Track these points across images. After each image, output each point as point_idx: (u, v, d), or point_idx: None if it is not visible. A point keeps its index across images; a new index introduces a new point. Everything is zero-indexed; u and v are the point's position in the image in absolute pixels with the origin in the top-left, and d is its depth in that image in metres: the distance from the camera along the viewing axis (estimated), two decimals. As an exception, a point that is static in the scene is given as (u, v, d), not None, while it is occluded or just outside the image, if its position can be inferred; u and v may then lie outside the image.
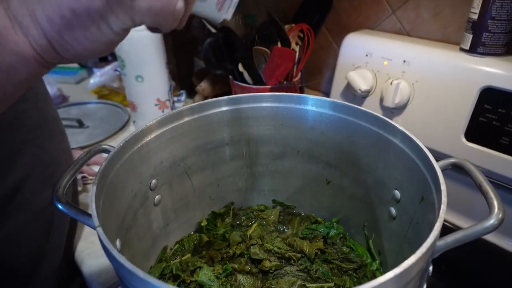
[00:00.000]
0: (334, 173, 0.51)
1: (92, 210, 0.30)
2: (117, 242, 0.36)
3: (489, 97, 0.54)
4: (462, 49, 0.58)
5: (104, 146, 0.41)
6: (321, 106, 0.47)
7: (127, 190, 0.41)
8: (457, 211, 0.62)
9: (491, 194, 0.31)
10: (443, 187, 0.31)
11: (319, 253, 0.48)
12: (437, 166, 0.33)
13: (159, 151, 0.45)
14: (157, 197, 0.47)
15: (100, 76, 1.14)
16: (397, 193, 0.42)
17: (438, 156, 0.54)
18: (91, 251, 0.61)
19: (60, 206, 0.34)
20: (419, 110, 0.61)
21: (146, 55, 0.82)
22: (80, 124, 0.97)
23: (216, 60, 0.76)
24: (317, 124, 0.49)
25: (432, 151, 0.44)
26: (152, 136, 0.43)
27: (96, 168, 0.78)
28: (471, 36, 0.56)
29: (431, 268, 0.33)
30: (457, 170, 0.36)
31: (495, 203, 0.30)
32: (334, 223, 0.53)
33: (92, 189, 0.32)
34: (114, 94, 1.13)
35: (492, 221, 0.29)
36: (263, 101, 0.49)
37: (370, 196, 0.47)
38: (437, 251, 0.30)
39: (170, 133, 0.45)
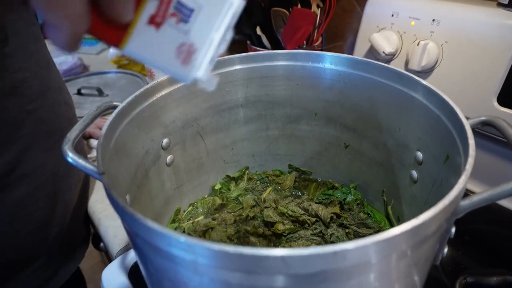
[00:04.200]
0: (352, 136, 0.48)
1: (98, 158, 0.29)
2: (127, 197, 0.36)
3: (527, 56, 0.49)
4: (500, 4, 0.53)
5: (115, 103, 0.40)
6: (340, 63, 0.44)
7: (138, 146, 0.40)
8: (478, 179, 0.59)
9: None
10: (471, 141, 0.28)
11: (334, 217, 0.47)
12: (464, 119, 0.30)
13: (171, 110, 0.44)
14: (169, 157, 0.46)
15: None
16: (420, 154, 0.39)
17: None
18: (108, 212, 0.62)
19: (69, 159, 0.33)
20: (447, 73, 0.57)
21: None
22: (100, 93, 0.98)
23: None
24: (335, 83, 0.46)
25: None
26: (163, 93, 0.42)
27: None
28: (510, -11, 0.51)
29: (453, 230, 0.30)
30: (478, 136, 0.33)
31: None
32: (352, 189, 0.51)
33: (99, 139, 0.31)
34: (133, 64, 1.12)
35: (523, 179, 0.26)
36: (279, 59, 0.47)
37: (391, 160, 0.45)
38: (461, 211, 0.28)
39: (182, 91, 0.44)
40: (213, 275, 0.22)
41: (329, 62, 0.45)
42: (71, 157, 0.33)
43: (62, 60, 1.13)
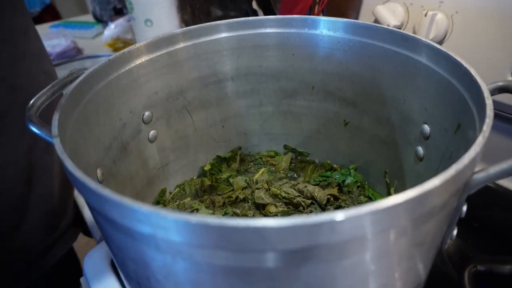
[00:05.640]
0: (353, 111, 0.44)
1: (54, 119, 0.25)
2: (98, 171, 0.32)
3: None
4: (515, -31, 0.49)
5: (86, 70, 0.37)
6: (339, 29, 0.40)
7: (113, 117, 0.36)
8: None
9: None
10: (488, 101, 0.24)
11: (332, 199, 0.43)
12: (479, 78, 0.26)
13: (152, 79, 0.40)
14: (152, 132, 0.42)
15: (114, 28, 1.10)
16: (427, 127, 0.35)
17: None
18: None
19: (31, 127, 0.29)
20: (458, 46, 0.53)
21: (154, -4, 0.76)
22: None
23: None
24: (334, 52, 0.42)
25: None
26: (143, 59, 0.38)
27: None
28: (528, -49, 0.46)
29: (465, 208, 0.26)
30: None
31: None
32: (352, 171, 0.47)
33: (60, 100, 0.28)
34: (128, 46, 1.09)
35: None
36: (271, 26, 0.43)
37: (394, 136, 0.41)
38: (475, 185, 0.24)
39: (164, 59, 0.40)
40: (175, 252, 0.18)
41: (327, 27, 0.41)
42: (33, 125, 0.29)
43: (56, 43, 1.10)
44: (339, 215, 0.16)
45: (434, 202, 0.18)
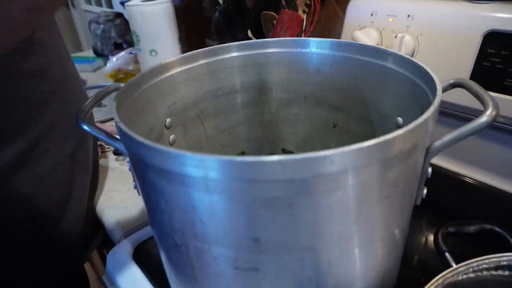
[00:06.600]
0: (340, 115, 0.53)
1: (113, 110, 0.33)
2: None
3: (492, 41, 0.55)
4: (464, -2, 0.60)
5: (122, 84, 0.45)
6: (324, 47, 0.49)
7: (144, 121, 0.44)
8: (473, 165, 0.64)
9: (486, 96, 0.33)
10: (439, 87, 0.32)
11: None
12: (434, 74, 0.35)
13: (173, 92, 0.48)
14: (172, 136, 0.49)
15: (115, 60, 1.20)
16: (399, 119, 0.43)
17: (444, 104, 0.55)
18: (111, 204, 0.65)
19: (84, 127, 0.37)
20: (423, 61, 0.62)
21: (159, 29, 0.86)
22: (98, 104, 1.01)
23: (227, 28, 0.79)
24: (322, 66, 0.51)
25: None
26: (166, 75, 0.46)
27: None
28: (473, -16, 0.58)
29: (430, 170, 0.34)
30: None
31: (490, 102, 0.32)
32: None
33: (115, 97, 0.35)
34: (129, 77, 1.17)
35: (486, 118, 0.31)
36: (271, 47, 0.52)
37: (375, 132, 0.49)
38: (436, 150, 0.32)
39: (184, 75, 0.48)
40: (220, 190, 0.25)
41: (315, 46, 0.50)
42: (85, 124, 0.37)
43: (61, 75, 1.17)
44: (329, 152, 0.23)
45: (399, 147, 0.26)
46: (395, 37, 0.63)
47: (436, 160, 0.68)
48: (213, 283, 0.32)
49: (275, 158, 0.23)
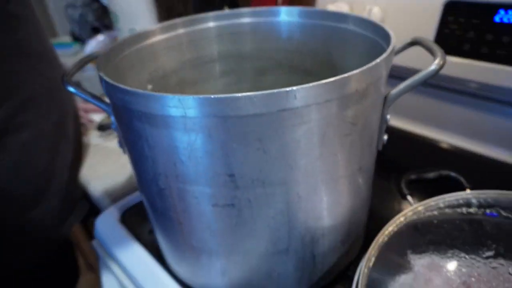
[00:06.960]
0: (312, 79, 0.55)
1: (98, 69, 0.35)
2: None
3: (451, 10, 0.59)
4: (426, -31, 0.64)
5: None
6: (295, 15, 0.53)
7: (127, 84, 0.46)
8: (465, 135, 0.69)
9: (435, 48, 0.37)
10: (392, 39, 0.36)
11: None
12: (391, 32, 0.39)
13: (154, 59, 0.50)
14: (153, 102, 0.52)
15: (94, 44, 1.20)
16: (365, 78, 0.47)
17: (411, 72, 0.60)
18: (96, 175, 0.67)
19: (71, 88, 0.39)
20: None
21: (138, 8, 0.87)
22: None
23: (206, 5, 0.81)
24: (293, 34, 0.54)
25: (406, 68, 0.51)
26: (147, 42, 0.49)
27: (94, 116, 0.85)
28: (433, -44, 0.61)
29: (388, 116, 0.38)
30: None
31: (439, 52, 0.36)
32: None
33: (97, 59, 0.38)
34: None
35: (434, 67, 0.35)
36: (245, 16, 0.55)
37: (344, 94, 0.53)
38: (393, 98, 0.36)
39: (163, 43, 0.51)
40: (198, 128, 0.28)
41: (286, 14, 0.53)
42: (71, 86, 0.39)
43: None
44: (292, 88, 0.27)
45: (355, 86, 0.30)
46: (364, 9, 0.67)
47: (400, 123, 0.73)
48: (195, 222, 0.36)
49: (245, 94, 0.26)
